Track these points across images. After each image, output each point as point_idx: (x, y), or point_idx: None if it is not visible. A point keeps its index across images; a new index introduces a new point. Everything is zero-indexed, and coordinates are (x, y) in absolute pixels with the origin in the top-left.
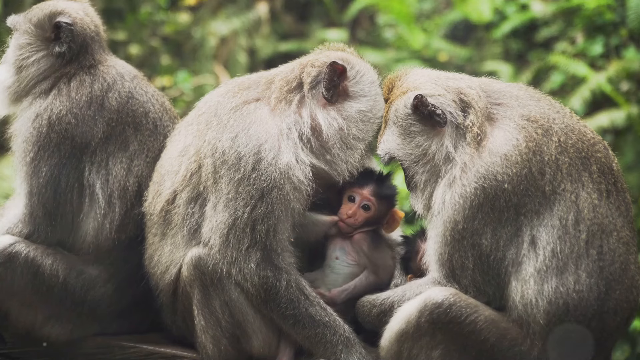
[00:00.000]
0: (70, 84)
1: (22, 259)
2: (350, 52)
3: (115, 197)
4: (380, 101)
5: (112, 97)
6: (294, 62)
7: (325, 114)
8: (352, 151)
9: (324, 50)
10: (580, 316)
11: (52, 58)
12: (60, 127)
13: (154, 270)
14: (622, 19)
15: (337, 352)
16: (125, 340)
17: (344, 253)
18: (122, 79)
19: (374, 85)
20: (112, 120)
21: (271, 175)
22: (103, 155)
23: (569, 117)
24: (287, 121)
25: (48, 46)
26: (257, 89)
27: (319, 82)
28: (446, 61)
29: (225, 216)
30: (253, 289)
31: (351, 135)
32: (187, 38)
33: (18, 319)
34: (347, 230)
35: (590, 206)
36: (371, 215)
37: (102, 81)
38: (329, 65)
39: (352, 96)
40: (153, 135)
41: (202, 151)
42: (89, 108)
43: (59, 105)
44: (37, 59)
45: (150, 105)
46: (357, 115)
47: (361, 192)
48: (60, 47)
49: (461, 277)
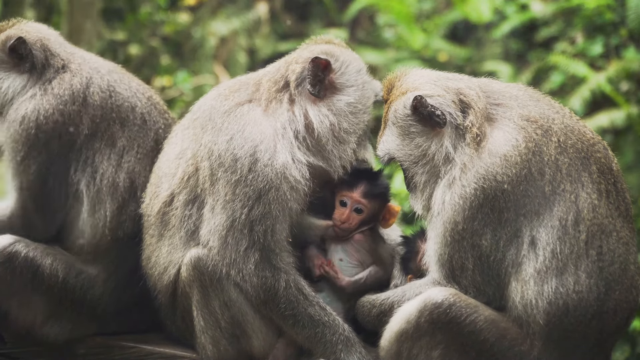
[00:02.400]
0: (52, 84)
1: (22, 258)
2: (336, 44)
3: (104, 193)
4: (369, 89)
5: (93, 92)
6: (280, 60)
7: (317, 110)
8: (345, 145)
9: (310, 44)
10: (580, 316)
11: (27, 74)
12: (48, 126)
13: (152, 271)
14: (622, 19)
15: (336, 351)
16: (125, 340)
17: (347, 254)
18: (98, 72)
19: (361, 73)
20: (95, 117)
21: (267, 176)
22: (89, 152)
23: (569, 117)
24: (281, 120)
25: (19, 69)
26: (247, 90)
27: (304, 78)
28: (446, 61)
29: (223, 218)
30: (252, 290)
31: (342, 130)
32: (187, 38)
33: (17, 319)
34: (343, 234)
35: (589, 206)
36: (365, 216)
37: (79, 76)
38: (310, 61)
39: (339, 88)
40: (142, 130)
41: (199, 155)
42: (73, 103)
43: (45, 104)
44: (13, 80)
45: (136, 99)
46: (346, 109)
47: (351, 196)
48: (25, 63)
49: (461, 277)
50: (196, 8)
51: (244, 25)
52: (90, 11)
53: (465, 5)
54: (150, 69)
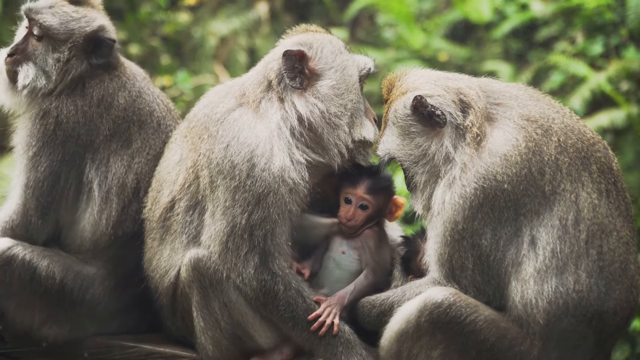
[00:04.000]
0: (87, 83)
1: (19, 261)
2: (311, 30)
3: (112, 193)
4: (350, 66)
5: (121, 95)
6: (261, 62)
7: (304, 101)
8: (338, 130)
9: (285, 38)
10: (580, 316)
11: (87, 65)
12: (68, 125)
13: (153, 273)
14: (622, 18)
15: (337, 353)
16: (125, 340)
17: (351, 247)
18: (135, 78)
19: (338, 54)
20: (118, 118)
21: (266, 180)
22: (105, 152)
23: (569, 117)
24: (274, 120)
25: (87, 57)
26: (234, 95)
27: (282, 74)
28: (446, 61)
29: (224, 224)
30: (252, 293)
31: (332, 114)
32: (187, 38)
33: (16, 320)
34: (351, 232)
35: (590, 206)
36: (370, 212)
37: (117, 80)
38: (282, 56)
39: (320, 74)
40: (156, 133)
41: (199, 164)
42: (99, 106)
43: (70, 104)
44: (74, 65)
45: (155, 105)
46: (330, 92)
47: (355, 193)
48: (97, 59)
49: (461, 277)
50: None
51: (244, 25)
52: None
53: (465, 5)
54: (150, 68)
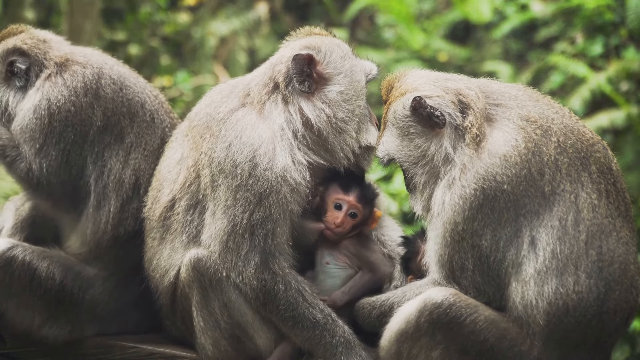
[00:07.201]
0: (64, 75)
1: (19, 262)
2: (317, 34)
3: (110, 189)
4: (358, 71)
5: (105, 83)
6: (266, 62)
7: (312, 105)
8: (345, 135)
9: (291, 41)
10: (580, 317)
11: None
12: (60, 115)
13: (154, 273)
14: (621, 19)
15: (336, 354)
16: (125, 340)
17: (334, 257)
18: (106, 63)
19: (346, 58)
20: (107, 109)
21: (268, 179)
22: (100, 146)
23: (568, 118)
24: (278, 122)
25: (9, 83)
26: (238, 95)
27: (291, 78)
28: (446, 61)
29: (224, 223)
30: (252, 292)
31: (339, 120)
32: (186, 38)
33: (16, 321)
34: (334, 238)
35: (589, 206)
36: (358, 221)
37: (90, 67)
38: (292, 59)
39: (328, 78)
40: (150, 128)
41: (200, 163)
42: (85, 95)
43: (56, 94)
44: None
45: (145, 96)
46: (338, 98)
47: (348, 200)
48: (19, 81)
49: (461, 278)
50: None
51: (244, 25)
52: (90, 11)
53: (465, 5)
54: (150, 69)
